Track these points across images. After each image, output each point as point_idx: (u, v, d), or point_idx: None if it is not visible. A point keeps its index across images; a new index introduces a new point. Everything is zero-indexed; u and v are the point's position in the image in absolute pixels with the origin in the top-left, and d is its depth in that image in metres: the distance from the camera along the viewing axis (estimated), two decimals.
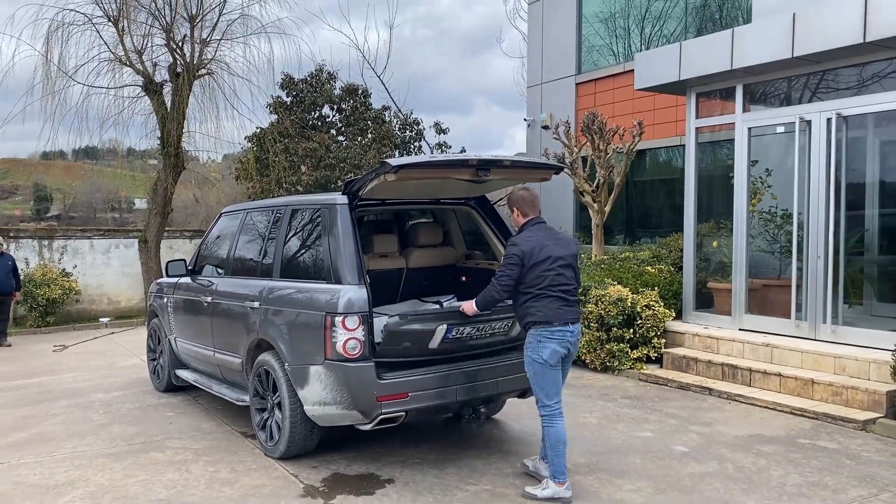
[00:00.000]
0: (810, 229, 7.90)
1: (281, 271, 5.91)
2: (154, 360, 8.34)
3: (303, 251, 5.86)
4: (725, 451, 5.82)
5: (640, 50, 13.54)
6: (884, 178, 8.46)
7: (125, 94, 14.47)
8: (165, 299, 7.87)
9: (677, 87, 9.29)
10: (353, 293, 5.06)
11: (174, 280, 7.73)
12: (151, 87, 14.58)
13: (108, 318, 14.64)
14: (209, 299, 6.78)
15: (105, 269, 15.43)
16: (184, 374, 7.60)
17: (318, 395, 5.20)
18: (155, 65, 14.80)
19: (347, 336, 4.99)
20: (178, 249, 16.13)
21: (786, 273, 8.50)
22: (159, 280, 8.63)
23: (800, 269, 8.05)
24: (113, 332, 13.45)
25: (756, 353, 7.94)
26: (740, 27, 8.47)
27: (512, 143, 71.42)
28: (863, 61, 7.54)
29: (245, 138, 16.28)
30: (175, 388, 7.93)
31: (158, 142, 14.97)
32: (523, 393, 5.70)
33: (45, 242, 14.95)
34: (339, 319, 4.99)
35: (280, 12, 14.42)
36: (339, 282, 5.18)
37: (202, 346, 7.00)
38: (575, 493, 4.86)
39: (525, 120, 15.47)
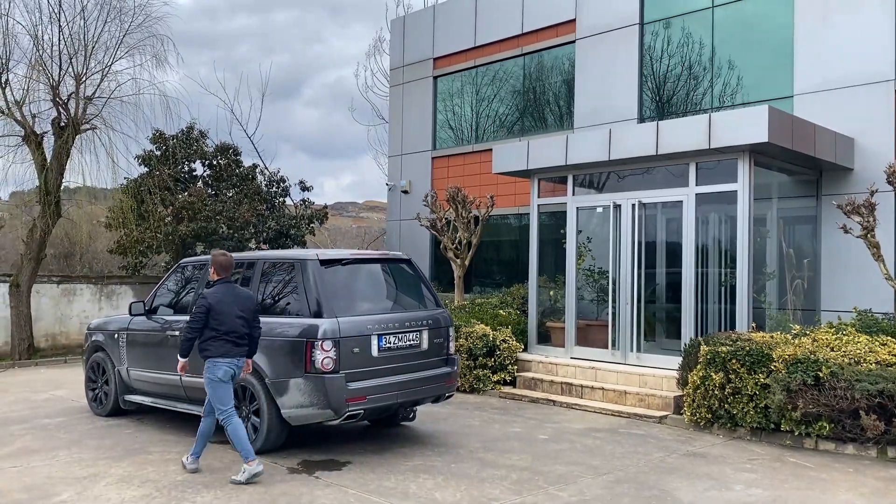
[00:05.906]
0: (621, 283, 10.86)
1: None
2: (94, 389, 9.50)
3: (277, 293, 7.71)
4: (573, 437, 8.35)
5: (477, 128, 16.53)
6: (669, 245, 11.70)
7: (8, 143, 15.04)
8: (116, 336, 9.16)
9: (525, 174, 12.12)
10: (328, 324, 7.03)
11: (125, 318, 9.11)
12: (32, 138, 15.24)
13: None
14: (176, 333, 8.31)
15: None
16: (135, 398, 8.94)
17: (297, 401, 7.06)
18: (35, 116, 15.48)
19: (324, 356, 6.93)
20: (45, 294, 16.50)
21: (604, 316, 11.40)
22: (100, 320, 9.89)
23: (614, 313, 10.97)
24: None
25: (585, 374, 10.70)
26: (573, 134, 11.48)
27: (321, 191, 75.89)
28: (655, 166, 10.73)
29: (121, 189, 17.15)
30: (119, 412, 9.19)
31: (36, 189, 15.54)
32: (437, 398, 7.92)
33: None
34: (318, 343, 6.93)
35: (164, 77, 15.75)
36: (317, 316, 7.11)
37: (165, 372, 8.43)
38: (480, 463, 7.10)
39: (387, 185, 17.88)
